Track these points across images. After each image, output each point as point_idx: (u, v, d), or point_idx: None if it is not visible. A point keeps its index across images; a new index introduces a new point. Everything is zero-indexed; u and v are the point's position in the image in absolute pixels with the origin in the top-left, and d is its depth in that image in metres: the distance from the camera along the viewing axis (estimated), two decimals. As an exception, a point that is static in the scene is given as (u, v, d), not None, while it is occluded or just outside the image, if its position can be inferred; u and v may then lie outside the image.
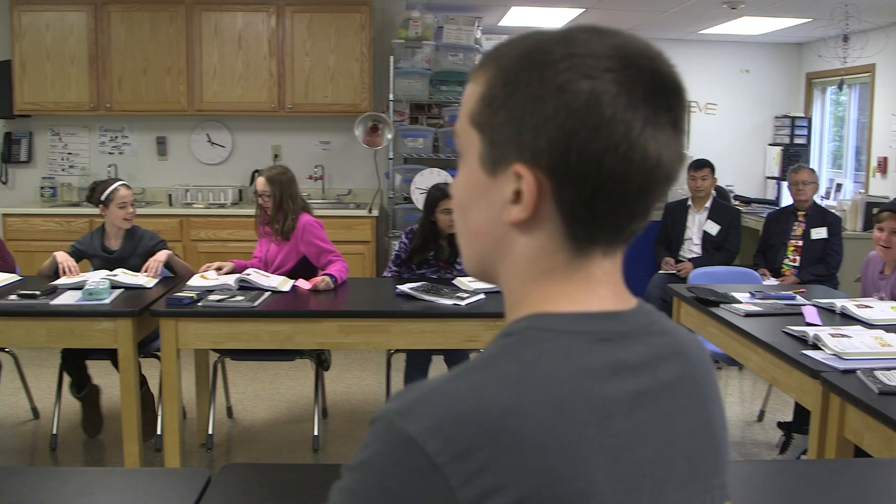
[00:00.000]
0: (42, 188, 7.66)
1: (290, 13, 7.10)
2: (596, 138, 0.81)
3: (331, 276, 4.54)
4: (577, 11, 7.73)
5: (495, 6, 7.70)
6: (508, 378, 0.79)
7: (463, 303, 4.17)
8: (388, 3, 7.47)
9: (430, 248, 4.90)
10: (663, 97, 0.84)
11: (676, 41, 9.05)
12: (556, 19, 8.10)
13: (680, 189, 6.89)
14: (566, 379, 0.80)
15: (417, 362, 4.78)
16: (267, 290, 4.39)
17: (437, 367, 4.91)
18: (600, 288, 0.89)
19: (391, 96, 7.00)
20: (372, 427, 0.80)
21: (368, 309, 4.28)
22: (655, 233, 6.68)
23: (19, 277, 4.86)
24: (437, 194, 4.86)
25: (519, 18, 8.23)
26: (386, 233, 7.21)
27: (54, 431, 4.80)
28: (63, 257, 4.81)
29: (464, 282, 4.54)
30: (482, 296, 4.30)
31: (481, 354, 0.84)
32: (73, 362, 4.79)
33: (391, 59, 6.97)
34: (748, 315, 4.08)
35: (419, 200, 6.62)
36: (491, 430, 0.75)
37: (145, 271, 4.75)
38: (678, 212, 6.56)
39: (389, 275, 5.02)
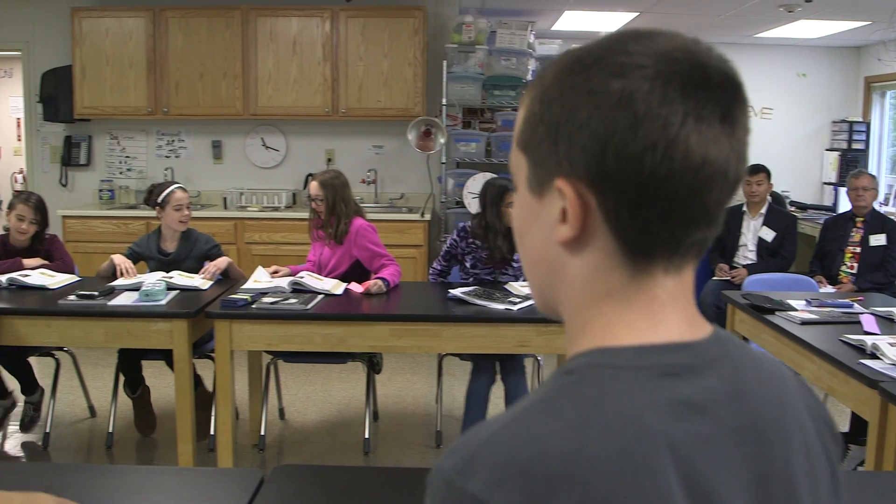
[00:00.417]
0: (100, 191, 7.80)
1: (344, 18, 7.15)
2: (631, 138, 0.77)
3: (383, 279, 4.56)
4: (631, 15, 7.68)
5: (549, 10, 7.68)
6: (569, 422, 0.74)
7: (515, 307, 4.16)
8: (441, 7, 7.49)
9: (494, 249, 4.76)
10: (706, 89, 0.79)
11: (732, 45, 8.94)
12: (609, 23, 8.06)
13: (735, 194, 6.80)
14: (630, 421, 0.74)
15: (484, 367, 4.70)
16: (320, 293, 4.42)
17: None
18: (666, 312, 0.83)
19: (444, 101, 7.01)
20: (429, 487, 0.75)
21: (420, 312, 4.29)
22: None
23: (78, 278, 4.95)
24: (502, 187, 4.75)
25: (572, 23, 8.19)
26: (438, 237, 7.22)
27: (110, 430, 4.88)
28: (120, 259, 4.89)
29: (516, 286, 4.53)
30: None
31: (539, 394, 0.79)
32: (130, 362, 4.87)
33: (444, 63, 6.98)
34: (804, 323, 4.02)
35: (471, 205, 6.63)
36: (554, 480, 0.70)
37: (203, 274, 4.81)
38: (733, 217, 6.48)
39: (436, 265, 5.01)
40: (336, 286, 4.55)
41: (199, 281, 4.67)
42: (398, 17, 7.14)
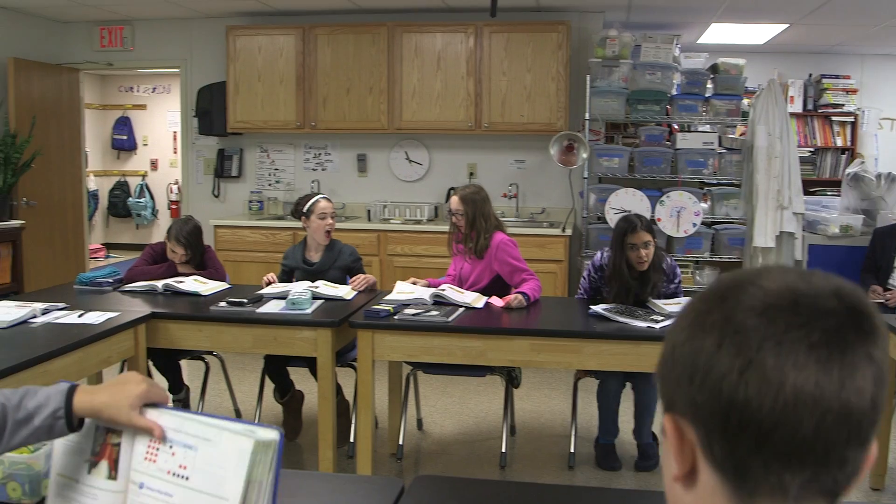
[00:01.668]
0: (250, 202, 8.07)
1: (487, 33, 7.20)
2: (712, 364, 0.77)
3: (524, 294, 4.55)
4: (780, 27, 7.45)
5: (695, 23, 7.55)
6: None
7: (657, 326, 4.08)
8: (585, 21, 7.45)
9: (626, 290, 4.61)
10: (797, 314, 0.77)
11: (888, 57, 8.58)
12: (757, 35, 7.85)
13: (890, 214, 6.52)
14: None
15: (610, 387, 4.67)
16: (461, 306, 4.44)
17: (628, 393, 4.82)
18: None
19: (587, 115, 6.96)
20: None
21: (560, 328, 4.26)
22: (862, 260, 6.34)
23: (229, 286, 5.12)
24: (623, 226, 4.60)
25: (719, 35, 8.02)
26: (579, 252, 7.17)
27: (255, 433, 5.02)
28: (270, 276, 5.04)
29: (658, 304, 4.45)
30: (677, 319, 4.19)
31: None
32: (275, 368, 5.01)
33: (587, 77, 6.94)
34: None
35: (613, 220, 6.55)
36: None
37: (352, 283, 4.90)
38: (888, 238, 6.18)
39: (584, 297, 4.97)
40: (477, 300, 4.56)
41: (343, 291, 4.76)
42: (542, 32, 7.14)
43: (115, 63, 8.50)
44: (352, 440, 4.75)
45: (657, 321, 4.13)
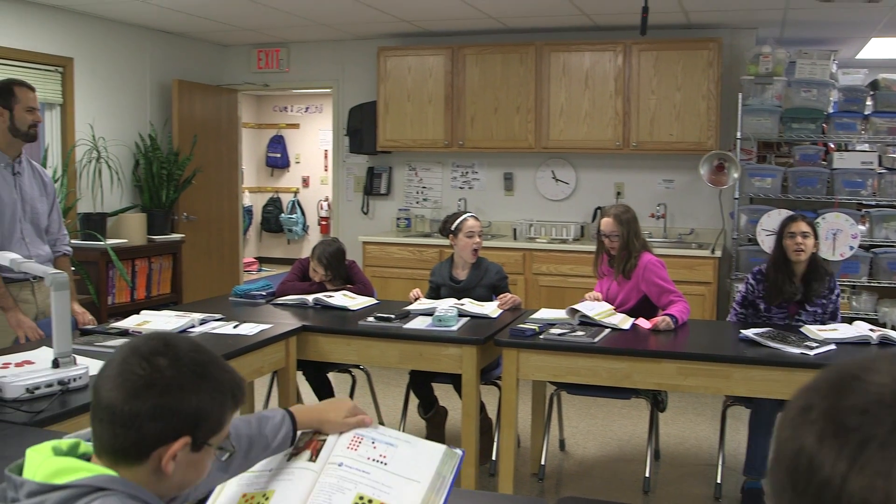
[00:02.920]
0: (398, 219, 8.22)
1: (636, 51, 7.12)
2: (821, 476, 0.74)
3: (672, 316, 4.47)
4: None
5: (853, 38, 7.29)
6: None
7: (812, 352, 3.94)
8: (737, 38, 7.29)
9: (783, 289, 4.63)
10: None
11: None
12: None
13: None
14: None
15: (762, 417, 4.49)
16: (607, 327, 4.40)
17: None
18: None
19: (738, 134, 6.80)
20: None
21: (709, 352, 4.15)
22: None
23: (376, 301, 5.23)
24: (785, 219, 4.69)
25: (880, 50, 7.72)
26: (728, 274, 6.99)
27: (399, 448, 5.10)
28: (416, 291, 5.14)
29: (813, 330, 4.29)
30: (833, 346, 4.04)
31: None
32: (420, 384, 5.08)
33: (739, 95, 6.78)
34: None
35: (765, 242, 6.37)
36: None
37: (499, 301, 4.93)
38: None
39: (734, 317, 4.85)
40: (623, 321, 4.51)
41: (489, 309, 4.79)
42: (693, 49, 7.02)
43: (271, 84, 8.82)
44: (494, 458, 4.76)
45: (811, 347, 3.98)
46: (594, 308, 4.54)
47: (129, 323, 4.27)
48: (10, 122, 3.93)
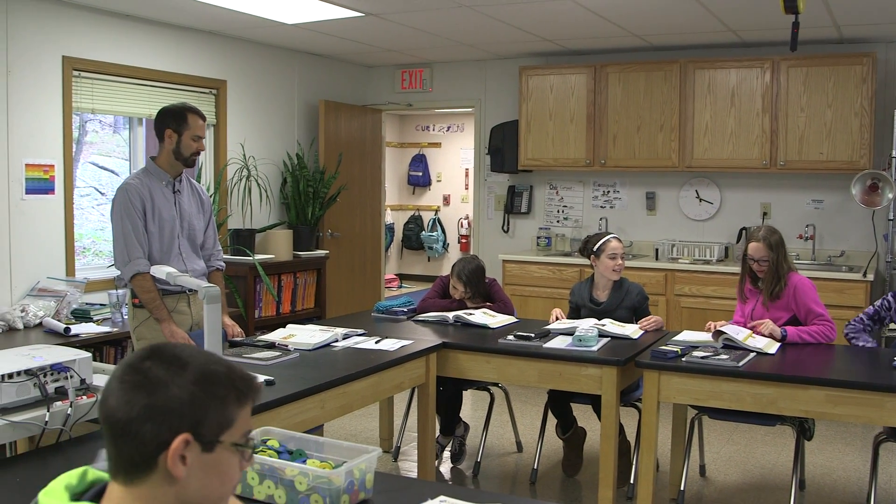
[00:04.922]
0: (538, 238, 8.23)
1: (785, 68, 6.93)
2: None
3: (784, 330, 4.49)
4: None
5: None
6: None
7: (973, 382, 3.75)
8: (892, 53, 7.00)
9: None
10: None
11: None
12: None
13: None
14: None
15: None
16: (752, 351, 4.29)
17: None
18: None
19: (893, 152, 6.52)
20: None
21: (860, 379, 3.99)
22: None
23: (516, 319, 5.24)
24: None
25: None
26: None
27: (535, 466, 5.11)
28: (557, 310, 5.14)
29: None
30: None
31: None
32: (558, 403, 5.06)
33: (895, 112, 6.51)
34: None
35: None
36: None
37: (642, 323, 4.88)
38: None
39: (857, 325, 4.69)
40: (769, 345, 4.38)
41: (630, 330, 4.74)
42: (845, 65, 6.78)
43: (415, 104, 8.98)
44: (632, 481, 4.70)
45: (973, 378, 3.79)
46: (741, 333, 4.43)
47: (276, 336, 4.42)
48: (175, 146, 4.12)
